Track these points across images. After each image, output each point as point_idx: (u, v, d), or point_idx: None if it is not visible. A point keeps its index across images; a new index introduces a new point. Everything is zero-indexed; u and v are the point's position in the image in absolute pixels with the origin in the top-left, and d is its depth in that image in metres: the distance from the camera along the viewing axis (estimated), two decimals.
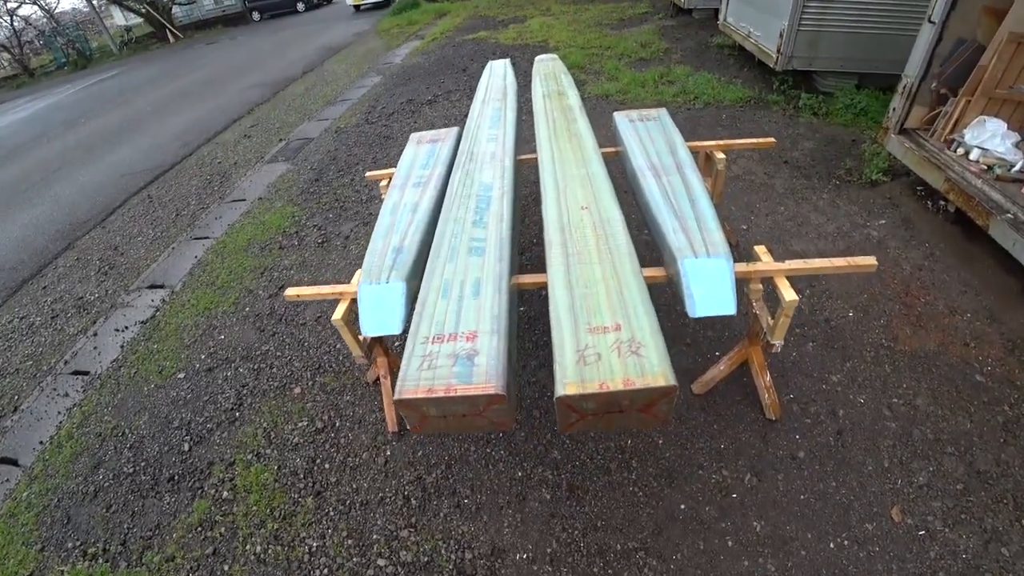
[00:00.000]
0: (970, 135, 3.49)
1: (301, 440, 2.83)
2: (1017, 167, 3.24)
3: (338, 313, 2.31)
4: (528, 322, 3.27)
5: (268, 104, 7.81)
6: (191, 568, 2.43)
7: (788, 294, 2.15)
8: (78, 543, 2.60)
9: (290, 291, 2.43)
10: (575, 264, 2.00)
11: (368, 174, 3.34)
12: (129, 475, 2.84)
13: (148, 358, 3.52)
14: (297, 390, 3.10)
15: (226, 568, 2.40)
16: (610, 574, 2.20)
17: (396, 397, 1.65)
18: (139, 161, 6.30)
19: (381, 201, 4.52)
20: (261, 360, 3.31)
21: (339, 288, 2.38)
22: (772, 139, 3.15)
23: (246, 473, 2.73)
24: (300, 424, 2.90)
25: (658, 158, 2.68)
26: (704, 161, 3.23)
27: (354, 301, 2.35)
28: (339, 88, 8.05)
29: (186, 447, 2.92)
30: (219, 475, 2.75)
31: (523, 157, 3.19)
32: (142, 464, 2.88)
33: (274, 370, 3.24)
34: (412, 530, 2.43)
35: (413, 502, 2.52)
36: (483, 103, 3.39)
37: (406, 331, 1.94)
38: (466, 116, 5.87)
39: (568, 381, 1.63)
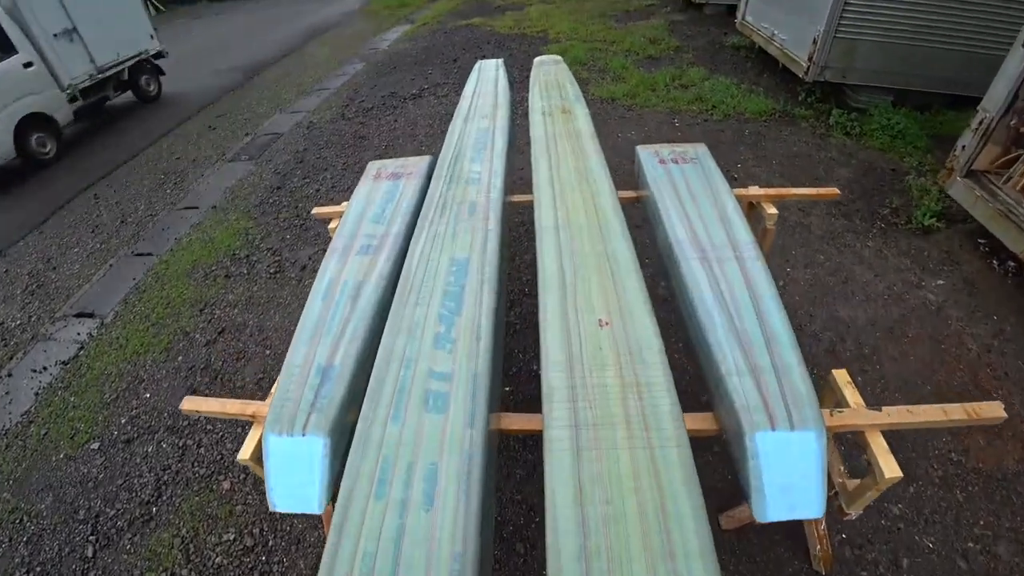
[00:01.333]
0: None
1: (225, 561, 2.10)
2: None
3: (247, 449, 1.53)
4: (512, 399, 2.52)
5: (240, 91, 6.73)
6: None
7: (888, 466, 1.39)
8: None
9: (187, 403, 1.64)
10: (588, 447, 1.21)
11: (315, 211, 2.49)
12: None
13: (62, 415, 2.74)
14: (226, 484, 2.35)
15: None
16: None
17: None
18: (94, 153, 5.31)
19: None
20: (188, 435, 2.55)
21: (250, 407, 1.60)
22: (836, 190, 2.32)
23: None
24: (226, 537, 2.17)
25: (704, 230, 1.85)
26: (745, 209, 2.35)
27: None
28: (318, 75, 6.96)
29: (89, 551, 2.19)
30: None
31: (516, 199, 2.38)
32: (36, 570, 2.16)
33: (202, 451, 2.49)
34: None
35: None
36: (466, 120, 2.52)
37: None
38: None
39: None
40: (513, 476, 2.21)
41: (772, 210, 2.25)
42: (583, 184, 2.05)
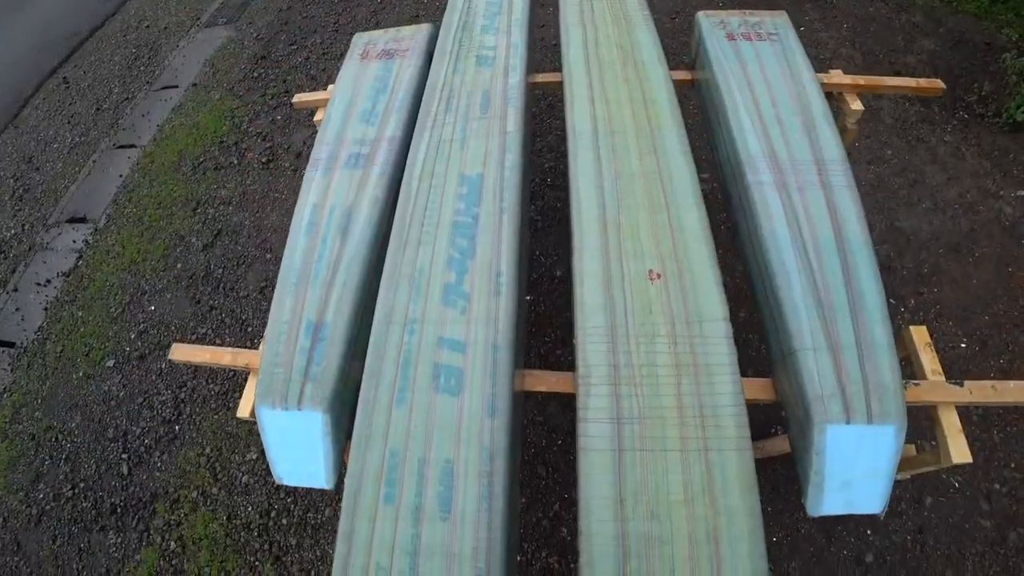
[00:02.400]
0: None
1: (251, 480, 2.08)
2: None
3: (245, 405, 1.33)
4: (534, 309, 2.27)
5: None
6: None
7: (957, 450, 1.14)
8: None
9: (177, 352, 1.40)
10: (632, 449, 0.96)
11: (297, 99, 2.00)
12: (69, 499, 2.17)
13: (74, 331, 2.62)
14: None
15: None
16: None
17: None
18: (52, 25, 4.52)
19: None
20: None
21: (242, 357, 1.37)
22: (940, 84, 1.73)
23: (193, 518, 2.04)
24: (248, 456, 2.13)
25: (783, 140, 1.37)
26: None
27: None
28: None
29: (125, 469, 2.20)
30: (164, 516, 2.06)
31: (540, 79, 1.85)
32: (81, 486, 2.19)
33: (213, 367, 2.37)
34: None
35: None
36: None
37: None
38: None
39: None
40: (534, 397, 2.06)
41: (857, 105, 1.70)
42: (628, 67, 1.52)
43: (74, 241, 2.95)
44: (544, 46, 3.14)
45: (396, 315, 1.10)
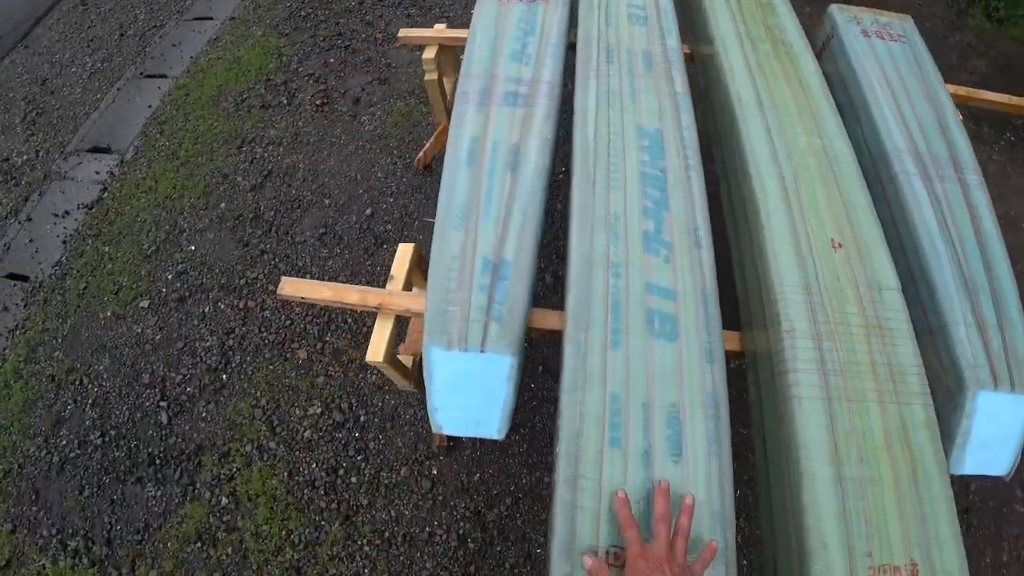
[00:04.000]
0: None
1: (315, 436, 1.98)
2: None
3: (376, 347, 1.25)
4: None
5: None
6: None
7: None
8: (54, 532, 1.87)
9: (288, 286, 1.30)
10: (840, 398, 0.96)
11: (403, 33, 1.89)
12: (98, 447, 1.99)
13: (99, 268, 2.40)
14: (302, 353, 2.13)
15: None
16: None
17: None
18: None
19: (406, 47, 3.02)
20: (248, 295, 2.25)
21: (372, 296, 1.28)
22: None
23: (247, 473, 1.92)
24: (311, 410, 2.02)
25: (922, 134, 1.41)
26: None
27: (400, 320, 1.30)
28: None
29: (164, 418, 2.03)
30: (212, 470, 1.93)
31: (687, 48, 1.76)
32: (111, 433, 2.00)
33: (267, 314, 2.21)
34: None
35: (471, 545, 1.81)
36: None
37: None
38: None
39: None
40: None
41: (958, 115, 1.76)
42: (778, 48, 1.50)
43: (97, 172, 2.69)
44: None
45: (597, 257, 1.05)
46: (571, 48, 1.54)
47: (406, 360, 1.47)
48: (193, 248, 2.39)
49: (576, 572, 0.82)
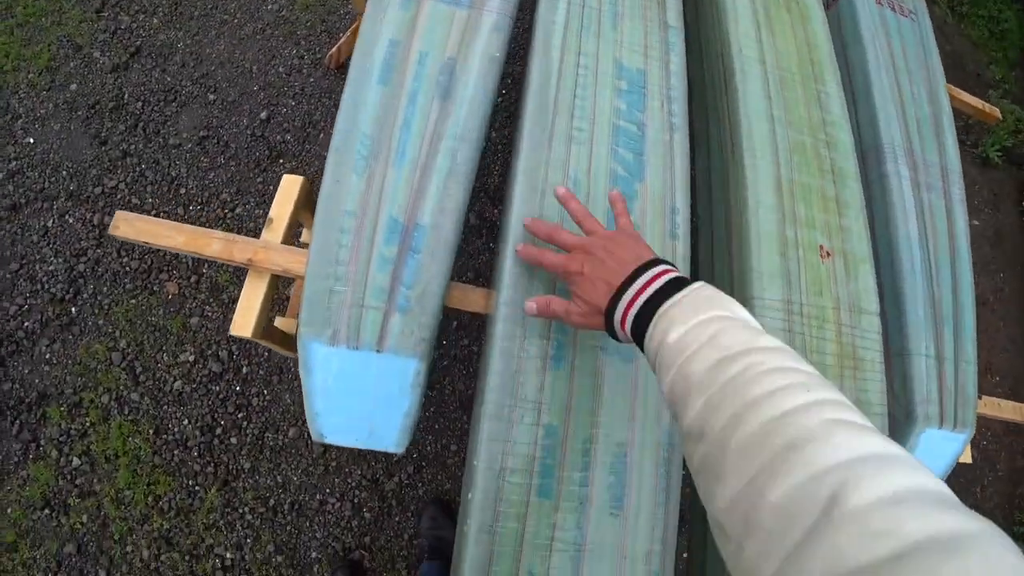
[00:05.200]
0: None
1: (187, 387, 1.64)
2: None
3: (245, 320, 0.92)
4: None
5: None
6: (48, 568, 1.46)
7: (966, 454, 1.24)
8: None
9: (121, 223, 0.91)
10: None
11: None
12: None
13: None
14: (172, 287, 1.73)
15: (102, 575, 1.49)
16: None
17: None
18: None
19: None
20: (105, 208, 1.76)
21: (240, 246, 0.93)
22: (998, 113, 1.72)
23: (103, 429, 1.58)
24: (182, 357, 1.66)
25: (919, 137, 1.23)
26: None
27: (277, 280, 0.98)
28: None
29: None
30: (60, 424, 1.56)
31: None
32: None
33: None
34: (365, 553, 1.61)
35: (367, 514, 1.63)
36: None
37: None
38: None
39: None
40: None
41: None
42: (792, 12, 1.22)
43: None
44: None
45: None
46: None
47: (288, 325, 1.18)
48: (32, 141, 1.82)
49: None
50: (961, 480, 2.21)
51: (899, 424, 1.07)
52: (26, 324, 1.65)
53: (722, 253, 0.95)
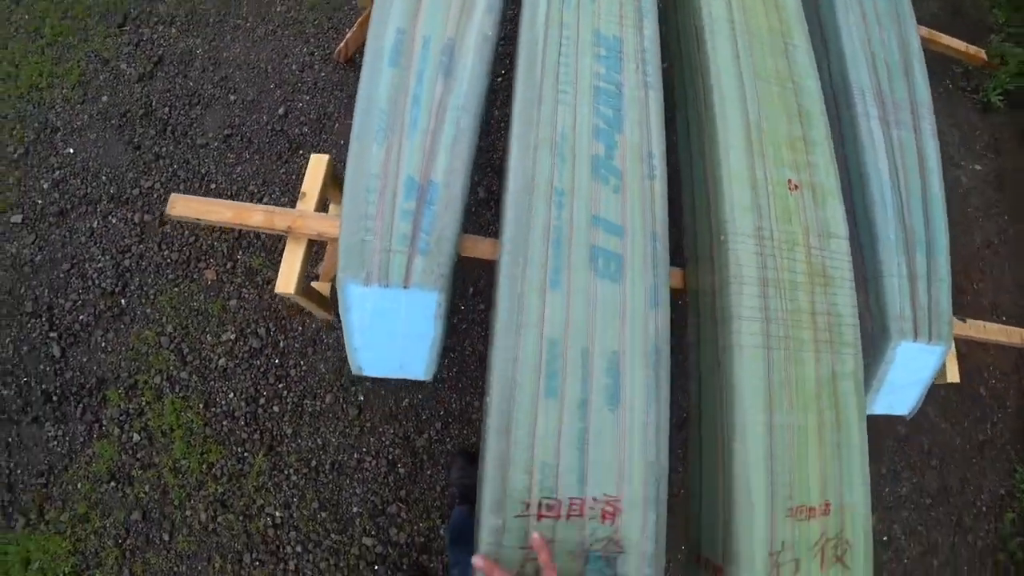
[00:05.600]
0: None
1: (231, 364, 1.83)
2: None
3: (286, 276, 1.10)
4: None
5: None
6: (118, 535, 1.67)
7: (951, 372, 1.36)
8: None
9: (178, 205, 1.09)
10: (778, 347, 0.96)
11: None
12: None
13: None
14: (210, 274, 1.92)
15: (166, 538, 1.68)
16: None
17: None
18: None
19: None
20: (144, 207, 1.96)
21: (279, 216, 1.10)
22: (983, 54, 1.84)
23: (158, 407, 1.77)
24: (224, 337, 1.85)
25: (887, 72, 1.36)
26: None
27: (313, 244, 1.14)
28: None
29: (56, 350, 1.80)
30: (119, 404, 1.76)
31: None
32: None
33: (167, 229, 1.93)
34: (402, 505, 1.79)
35: (401, 470, 1.81)
36: None
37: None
38: None
39: None
40: None
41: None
42: None
43: None
44: None
45: (539, 182, 0.92)
46: None
47: (323, 288, 1.34)
48: (72, 151, 2.01)
49: (508, 524, 0.80)
50: (971, 417, 2.31)
51: (876, 339, 1.19)
52: (81, 317, 1.84)
53: (700, 191, 1.09)
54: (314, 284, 1.41)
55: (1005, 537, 2.20)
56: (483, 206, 2.06)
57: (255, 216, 1.09)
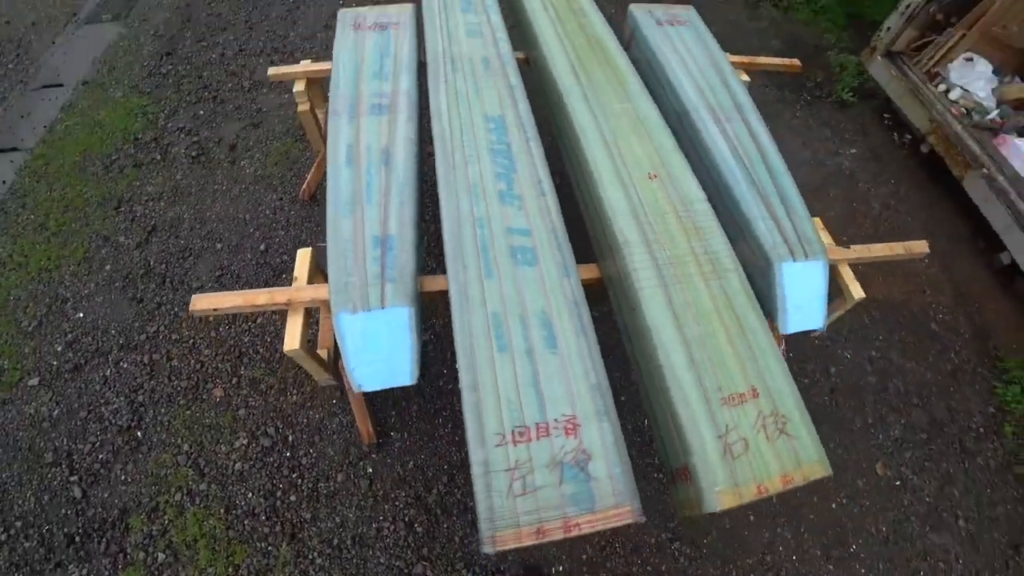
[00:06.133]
0: (955, 73, 3.07)
1: (246, 466, 2.03)
2: (992, 115, 2.93)
3: (291, 339, 1.41)
4: None
5: None
6: None
7: (856, 290, 1.69)
8: None
9: (198, 302, 1.44)
10: (673, 281, 1.30)
11: (272, 72, 2.10)
12: (2, 543, 1.90)
13: None
14: (218, 392, 2.19)
15: None
16: (649, 570, 1.92)
17: (489, 549, 0.98)
18: None
19: (274, 91, 3.20)
20: (151, 349, 2.28)
21: (280, 294, 1.45)
22: (798, 62, 2.46)
23: (180, 522, 1.93)
24: (238, 443, 2.08)
25: (711, 92, 1.88)
26: None
27: (309, 313, 1.47)
28: None
29: (77, 492, 1.98)
30: (143, 529, 1.91)
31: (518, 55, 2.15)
32: (17, 524, 1.91)
33: (175, 363, 2.25)
34: (426, 564, 1.90)
35: (418, 529, 1.95)
36: None
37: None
38: None
39: (721, 489, 1.06)
40: None
41: (744, 77, 2.29)
42: (593, 44, 1.94)
43: None
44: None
45: (464, 216, 1.32)
46: (421, 65, 1.84)
47: (322, 354, 1.64)
48: (82, 315, 2.36)
49: (490, 455, 1.05)
50: (933, 352, 2.55)
51: (765, 272, 1.53)
52: (100, 456, 2.05)
53: (584, 194, 1.49)
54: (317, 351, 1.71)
55: (1014, 450, 2.31)
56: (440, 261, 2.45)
57: (260, 297, 1.43)
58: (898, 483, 2.19)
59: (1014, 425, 2.38)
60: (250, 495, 1.98)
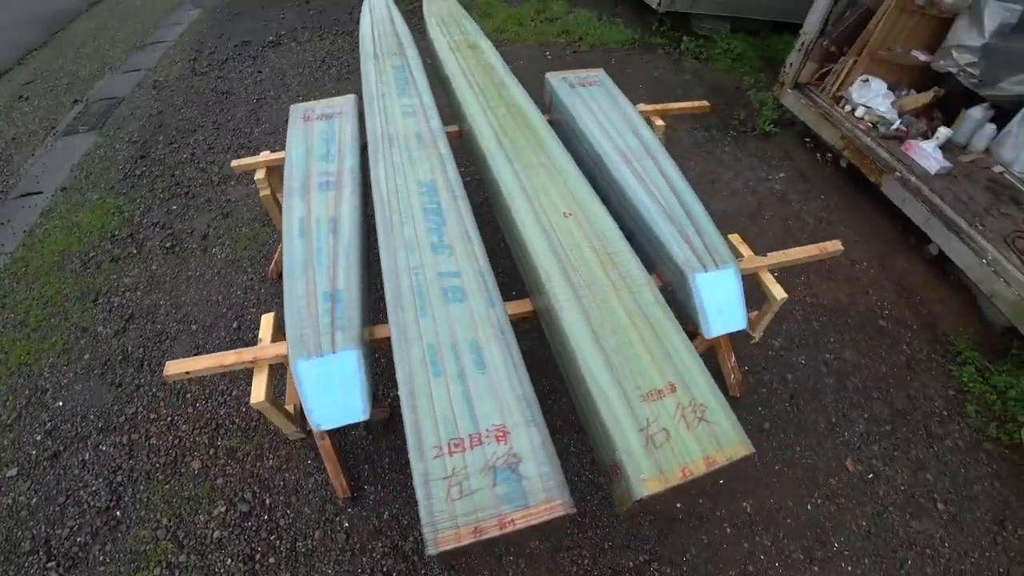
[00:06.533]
0: (856, 94, 3.54)
1: (224, 533, 2.12)
2: (895, 125, 3.37)
3: (257, 393, 1.59)
4: None
5: (45, 50, 5.51)
6: None
7: (778, 292, 1.94)
8: None
9: (172, 367, 1.62)
10: (590, 303, 1.53)
11: (235, 163, 2.40)
12: None
13: None
14: (196, 464, 2.30)
15: None
16: None
17: (432, 550, 1.14)
18: None
19: (241, 183, 3.51)
20: (130, 430, 2.40)
21: (246, 353, 1.64)
22: (706, 103, 2.85)
23: None
24: (216, 511, 2.17)
25: (621, 139, 2.21)
26: None
27: (274, 369, 1.66)
28: (145, 26, 5.88)
29: None
30: None
31: (448, 130, 2.49)
32: None
33: (153, 440, 2.37)
34: None
35: None
36: (376, 59, 2.55)
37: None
38: (325, 62, 4.82)
39: (646, 476, 1.24)
40: None
41: (660, 122, 2.71)
42: (513, 112, 2.28)
43: None
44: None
45: (401, 267, 1.55)
46: (363, 146, 2.14)
47: (289, 409, 1.80)
48: (61, 404, 2.49)
49: (429, 466, 1.22)
50: (885, 346, 2.75)
51: (683, 285, 1.77)
52: (79, 540, 2.12)
53: (511, 239, 1.74)
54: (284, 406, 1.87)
55: (979, 427, 2.44)
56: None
57: (229, 358, 1.62)
58: (871, 476, 2.30)
59: (975, 403, 2.53)
60: (229, 561, 2.05)
